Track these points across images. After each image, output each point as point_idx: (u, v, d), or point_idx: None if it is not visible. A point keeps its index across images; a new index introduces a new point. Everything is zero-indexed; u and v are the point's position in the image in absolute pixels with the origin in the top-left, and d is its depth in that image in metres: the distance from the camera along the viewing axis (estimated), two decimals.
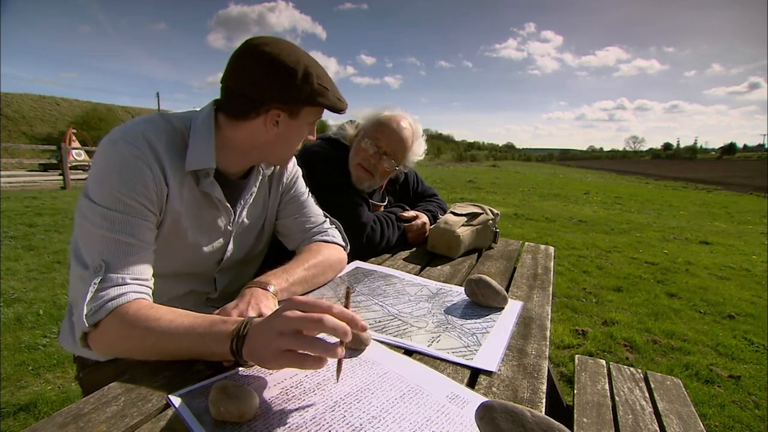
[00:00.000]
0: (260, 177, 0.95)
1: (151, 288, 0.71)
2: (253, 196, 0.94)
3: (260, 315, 0.68)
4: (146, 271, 0.71)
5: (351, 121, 1.40)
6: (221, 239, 0.90)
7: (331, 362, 0.61)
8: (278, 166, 1.00)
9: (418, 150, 1.37)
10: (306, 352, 0.51)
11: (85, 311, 0.62)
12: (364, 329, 0.54)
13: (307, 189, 1.09)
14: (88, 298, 0.63)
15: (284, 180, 1.02)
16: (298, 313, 0.52)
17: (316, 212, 1.06)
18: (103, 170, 0.70)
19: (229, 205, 0.87)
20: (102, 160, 0.71)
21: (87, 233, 0.68)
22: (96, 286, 0.64)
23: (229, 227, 0.90)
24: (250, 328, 0.55)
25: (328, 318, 0.51)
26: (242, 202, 0.92)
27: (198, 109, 0.85)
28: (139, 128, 0.74)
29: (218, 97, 0.83)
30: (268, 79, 0.75)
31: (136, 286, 0.67)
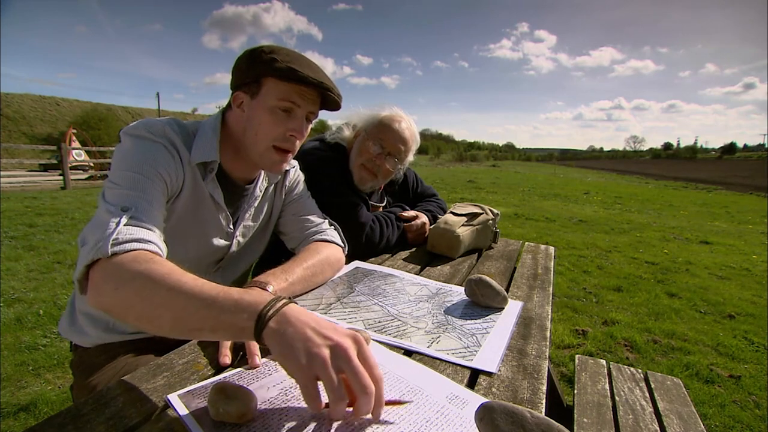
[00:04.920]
0: (266, 184, 0.98)
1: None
2: (257, 201, 0.96)
3: None
4: (161, 234, 0.70)
5: (346, 123, 1.40)
6: (223, 240, 0.93)
7: None
8: (279, 173, 1.01)
9: (415, 148, 1.38)
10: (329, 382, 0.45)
11: (113, 236, 0.59)
12: (376, 417, 0.48)
13: (308, 191, 1.11)
14: (121, 224, 0.62)
15: (287, 183, 1.06)
16: (355, 352, 0.47)
17: (317, 214, 1.08)
18: (128, 149, 0.75)
19: (227, 208, 0.90)
20: (128, 144, 0.76)
21: (112, 193, 0.70)
22: (126, 220, 0.63)
23: (229, 229, 0.93)
24: (292, 310, 0.50)
25: (371, 389, 0.45)
26: (246, 206, 0.95)
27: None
28: (159, 124, 0.80)
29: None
30: (233, 70, 0.85)
31: (162, 245, 0.67)
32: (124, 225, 0.63)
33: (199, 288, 0.54)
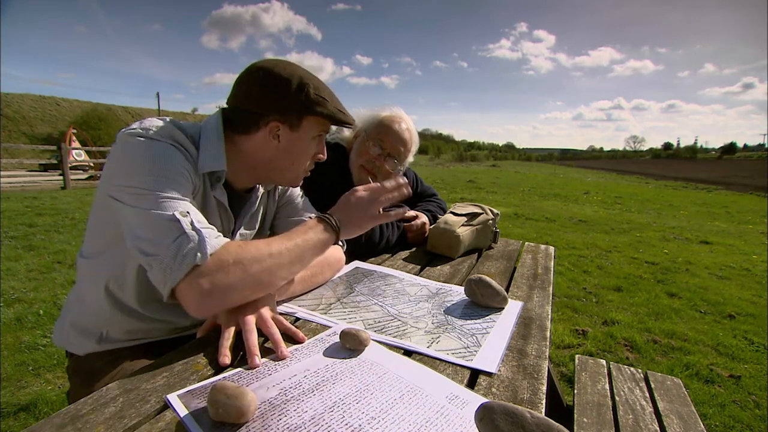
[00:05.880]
0: (262, 191, 0.97)
1: None
2: (254, 208, 0.96)
3: (260, 317, 0.69)
4: None
5: None
6: None
7: (330, 363, 0.61)
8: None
9: (415, 149, 1.38)
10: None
11: (208, 242, 0.62)
12: None
13: (302, 191, 1.10)
14: (203, 232, 0.63)
15: (279, 187, 1.04)
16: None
17: (312, 214, 1.07)
18: (143, 152, 0.69)
19: (232, 214, 0.89)
20: (140, 147, 0.70)
21: (150, 199, 0.66)
22: (196, 225, 0.64)
23: (229, 236, 0.92)
24: (341, 208, 0.83)
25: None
26: (244, 212, 0.94)
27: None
28: (168, 127, 0.75)
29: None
30: (262, 91, 0.78)
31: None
32: (202, 228, 0.64)
33: (294, 240, 0.74)
